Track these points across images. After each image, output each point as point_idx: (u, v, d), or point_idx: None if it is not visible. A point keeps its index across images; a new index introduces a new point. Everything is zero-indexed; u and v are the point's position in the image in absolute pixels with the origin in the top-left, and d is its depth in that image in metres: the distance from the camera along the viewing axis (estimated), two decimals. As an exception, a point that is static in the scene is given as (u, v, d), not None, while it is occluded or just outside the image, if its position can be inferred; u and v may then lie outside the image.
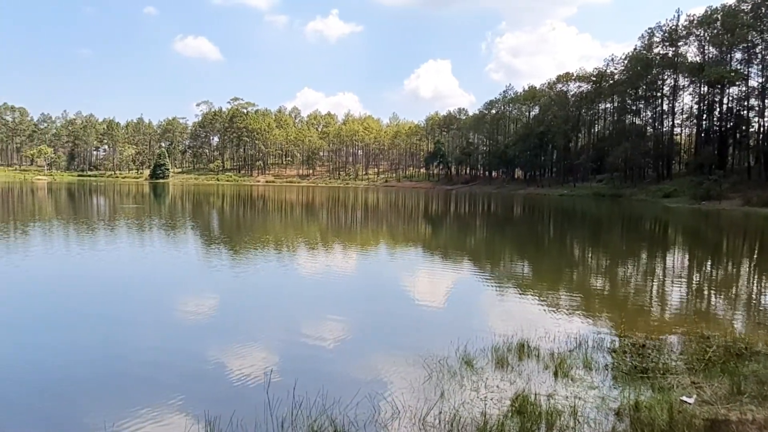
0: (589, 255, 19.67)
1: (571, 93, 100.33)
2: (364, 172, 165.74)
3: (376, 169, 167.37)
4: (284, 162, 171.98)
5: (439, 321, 9.06)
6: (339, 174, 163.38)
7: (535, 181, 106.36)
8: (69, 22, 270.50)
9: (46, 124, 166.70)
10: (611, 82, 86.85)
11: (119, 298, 10.41)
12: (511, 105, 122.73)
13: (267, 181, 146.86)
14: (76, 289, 10.99)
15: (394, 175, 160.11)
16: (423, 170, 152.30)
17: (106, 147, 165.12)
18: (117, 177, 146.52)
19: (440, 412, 5.07)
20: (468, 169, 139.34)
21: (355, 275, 13.75)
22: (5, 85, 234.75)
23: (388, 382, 5.95)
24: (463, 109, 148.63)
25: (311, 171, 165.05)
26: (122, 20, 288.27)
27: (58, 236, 19.68)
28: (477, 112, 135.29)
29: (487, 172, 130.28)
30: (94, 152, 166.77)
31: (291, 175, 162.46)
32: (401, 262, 16.36)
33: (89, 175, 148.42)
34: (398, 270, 14.76)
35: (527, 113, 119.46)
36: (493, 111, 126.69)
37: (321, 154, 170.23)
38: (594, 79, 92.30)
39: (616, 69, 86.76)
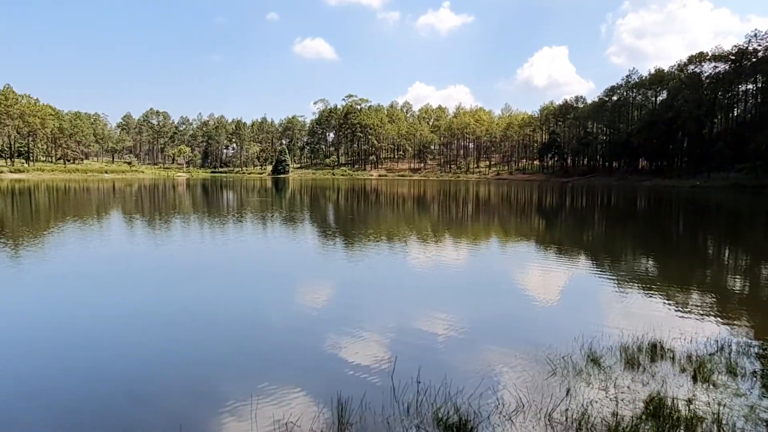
0: (726, 253, 17.86)
1: (706, 74, 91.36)
2: (475, 165, 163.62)
3: (487, 162, 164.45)
4: (396, 156, 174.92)
5: (559, 317, 8.80)
6: (450, 167, 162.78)
7: (661, 171, 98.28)
8: (203, 32, 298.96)
9: (184, 126, 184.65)
10: (754, 60, 77.85)
11: (250, 283, 11.33)
12: (634, 90, 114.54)
13: (380, 175, 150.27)
14: (212, 275, 12.11)
15: (506, 167, 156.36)
16: (536, 162, 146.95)
17: (235, 145, 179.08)
18: (243, 173, 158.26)
19: (567, 410, 4.97)
20: (585, 160, 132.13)
21: (469, 268, 13.71)
22: (151, 91, 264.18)
23: (511, 376, 5.93)
24: (581, 96, 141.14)
25: (422, 165, 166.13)
26: (248, 27, 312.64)
27: (198, 226, 21.80)
28: (596, 99, 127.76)
29: (606, 163, 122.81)
30: (224, 150, 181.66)
31: (403, 168, 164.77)
32: (515, 256, 16.02)
33: (220, 172, 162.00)
34: (512, 264, 14.49)
35: (653, 99, 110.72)
36: (615, 97, 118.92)
37: (432, 147, 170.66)
38: (733, 58, 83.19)
39: (759, 45, 77.66)
